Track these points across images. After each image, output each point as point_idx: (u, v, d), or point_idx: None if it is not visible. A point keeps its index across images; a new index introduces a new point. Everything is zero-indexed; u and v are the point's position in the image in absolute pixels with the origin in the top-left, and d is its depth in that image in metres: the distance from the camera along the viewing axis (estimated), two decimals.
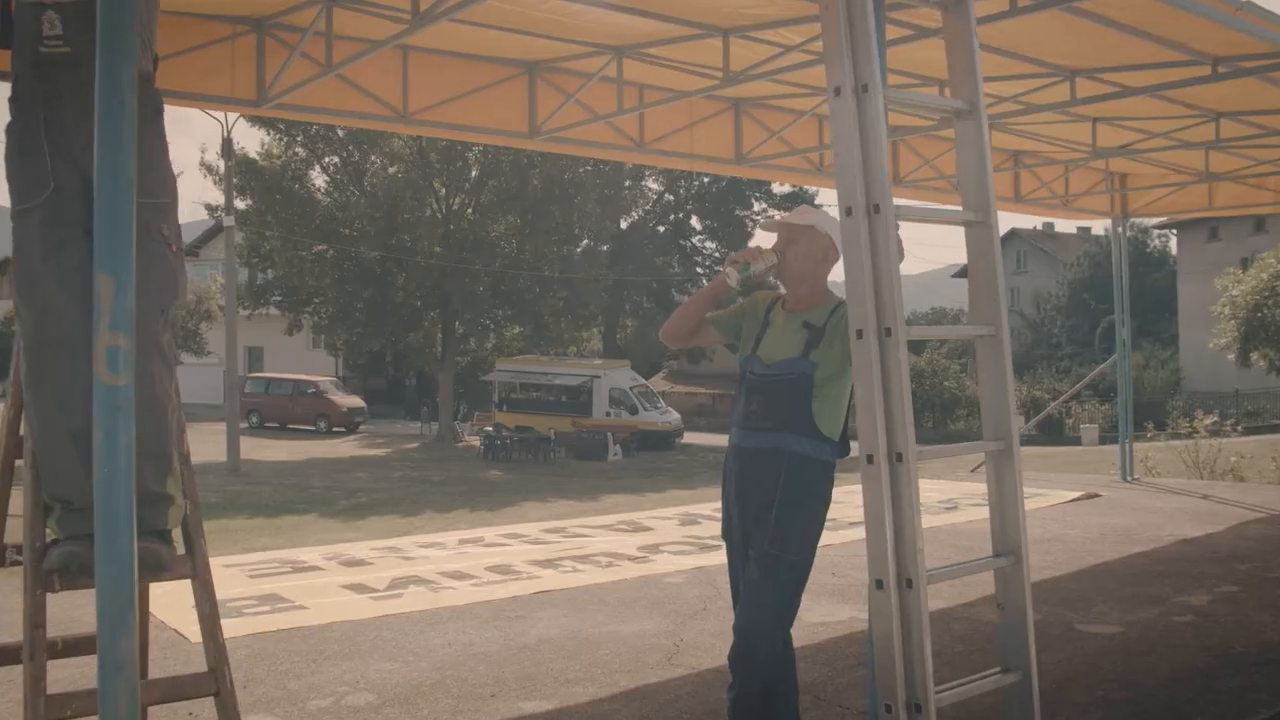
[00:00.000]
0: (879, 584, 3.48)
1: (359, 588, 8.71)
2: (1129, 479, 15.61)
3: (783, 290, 4.73)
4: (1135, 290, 55.32)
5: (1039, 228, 73.49)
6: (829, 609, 7.75)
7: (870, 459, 3.48)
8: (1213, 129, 10.54)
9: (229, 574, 9.46)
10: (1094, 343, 55.98)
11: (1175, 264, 57.84)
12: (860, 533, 9.92)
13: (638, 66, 9.19)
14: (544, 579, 8.98)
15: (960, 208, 3.89)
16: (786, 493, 4.33)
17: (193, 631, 7.21)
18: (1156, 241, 66.32)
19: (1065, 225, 64.84)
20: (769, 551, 4.33)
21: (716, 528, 11.68)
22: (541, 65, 9.53)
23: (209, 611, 3.78)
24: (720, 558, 9.67)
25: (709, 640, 6.93)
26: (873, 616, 3.51)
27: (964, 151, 3.90)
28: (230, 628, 7.36)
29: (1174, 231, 56.95)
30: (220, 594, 8.35)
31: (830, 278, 4.62)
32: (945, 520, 11.93)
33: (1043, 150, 12.68)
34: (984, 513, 12.01)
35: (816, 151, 11.54)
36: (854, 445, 4.35)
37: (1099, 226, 67.19)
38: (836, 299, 4.54)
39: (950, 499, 13.76)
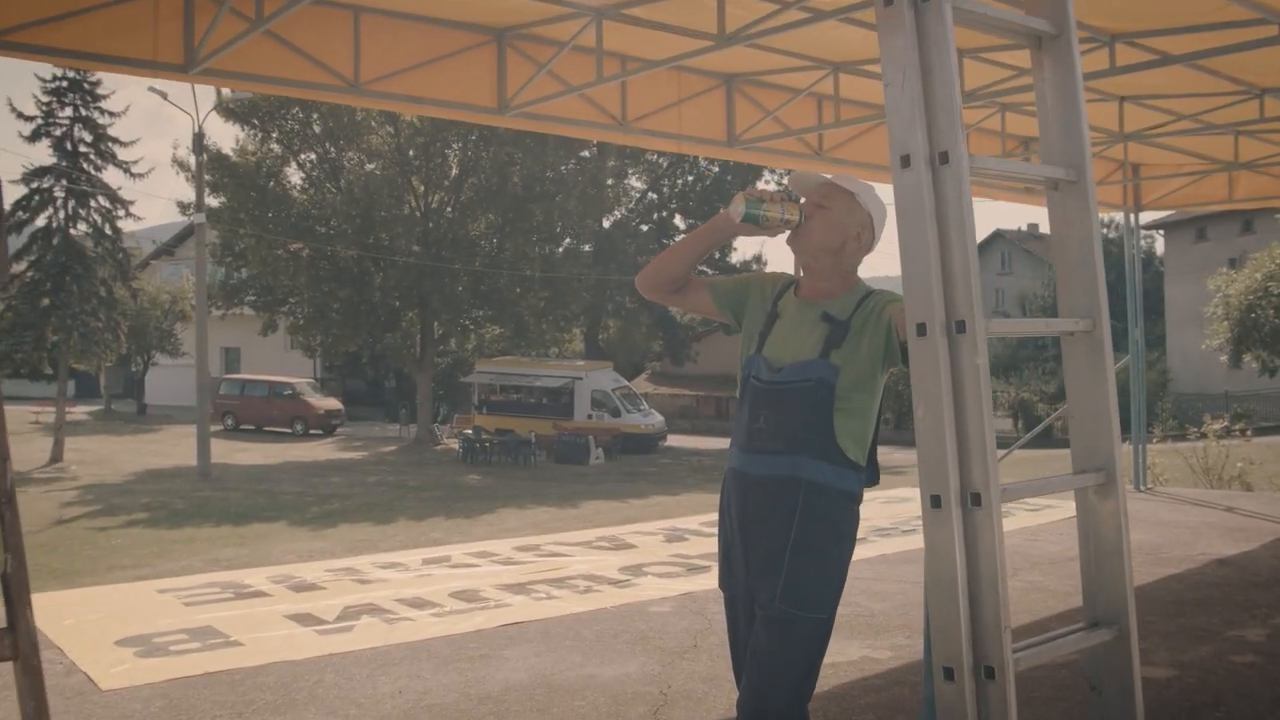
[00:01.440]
0: (948, 674, 2.53)
1: (305, 618, 7.73)
2: (1142, 488, 14.71)
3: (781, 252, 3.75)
4: (1121, 291, 54.95)
5: (1024, 228, 73.20)
6: (838, 646, 6.75)
7: (936, 501, 2.53)
8: (1255, 107, 9.61)
9: (162, 601, 8.48)
10: None
11: (1162, 265, 57.09)
12: (868, 550, 8.75)
13: (620, 32, 8.19)
14: (514, 607, 8.01)
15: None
16: (802, 532, 3.39)
17: (107, 675, 6.27)
18: (1143, 242, 65.73)
19: (1048, 226, 64.35)
20: (780, 608, 3.39)
21: (705, 545, 10.76)
22: (511, 31, 8.53)
23: (33, 709, 2.76)
24: (710, 581, 8.72)
25: (701, 687, 5.98)
26: (941, 716, 2.55)
27: (1048, 91, 2.95)
28: (152, 670, 6.41)
29: (1161, 232, 56.25)
30: (147, 627, 7.42)
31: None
32: None
33: None
34: None
35: (815, 132, 10.58)
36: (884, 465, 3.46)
37: None
38: (865, 287, 3.60)
39: None
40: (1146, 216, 27.18)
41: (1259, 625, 7.26)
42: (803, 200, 3.62)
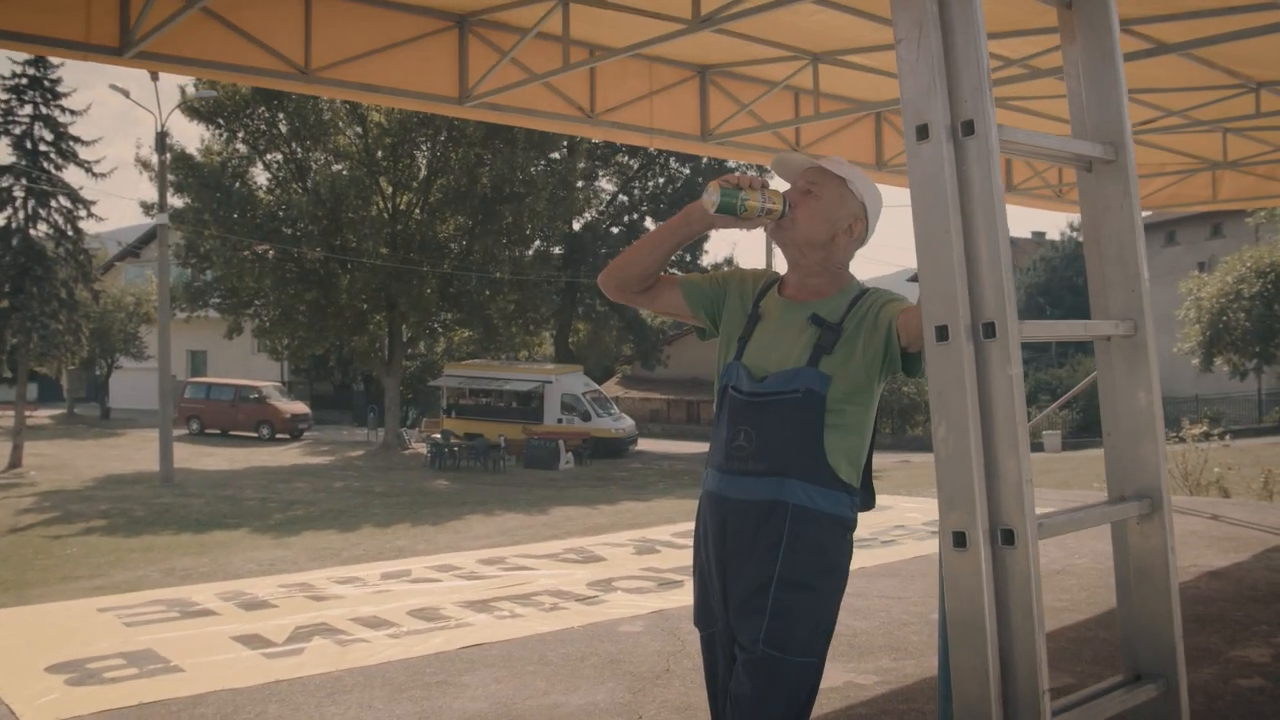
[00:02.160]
0: None
1: (253, 640, 7.25)
2: None
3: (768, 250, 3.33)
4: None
5: None
6: None
7: (960, 539, 2.11)
8: (1249, 101, 9.24)
9: (101, 621, 7.97)
10: (1050, 348, 55.27)
11: None
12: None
13: (588, 17, 7.74)
14: (476, 627, 7.56)
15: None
16: (788, 565, 2.99)
17: (31, 708, 5.79)
18: None
19: (1019, 230, 64.64)
20: (765, 652, 2.97)
21: (676, 557, 10.32)
22: (474, 17, 8.08)
23: None
24: (684, 598, 8.30)
25: (674, 718, 5.55)
26: None
27: (1081, 55, 2.54)
28: (81, 700, 5.90)
29: None
30: (83, 650, 6.89)
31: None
32: (934, 547, 10.57)
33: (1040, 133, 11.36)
34: None
35: (791, 126, 10.16)
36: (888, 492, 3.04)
37: (1054, 231, 66.84)
38: (859, 285, 3.18)
39: (934, 520, 12.40)
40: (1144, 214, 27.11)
41: (1262, 644, 6.88)
42: (787, 188, 3.20)
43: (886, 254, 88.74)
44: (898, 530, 11.57)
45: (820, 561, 3.02)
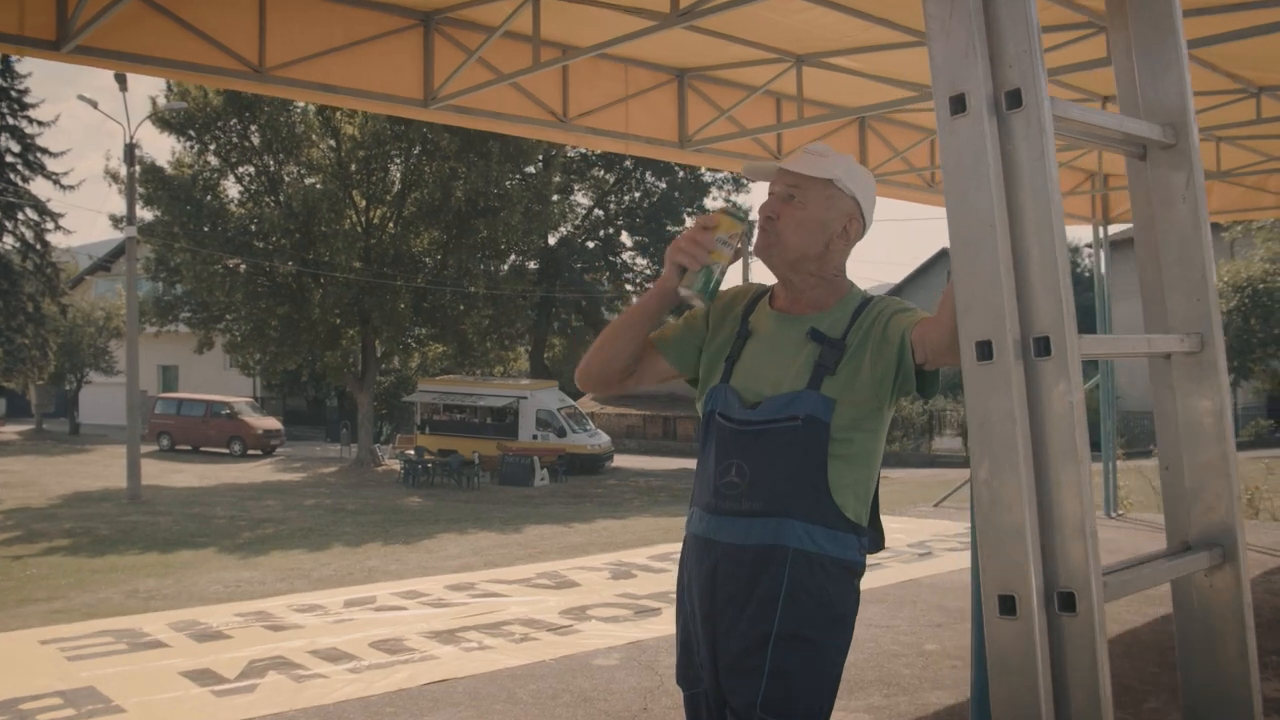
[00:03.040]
0: None
1: (203, 675, 6.80)
2: (1113, 514, 14.04)
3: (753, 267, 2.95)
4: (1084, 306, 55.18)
5: None
6: None
7: (1009, 605, 1.70)
8: (1249, 107, 8.88)
9: (43, 654, 7.51)
10: None
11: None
12: None
13: (559, 14, 7.31)
14: (441, 660, 7.12)
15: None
16: (789, 618, 2.58)
17: None
18: (1087, 261, 66.01)
19: None
20: (764, 718, 2.57)
21: (653, 582, 9.90)
22: (439, 15, 7.65)
23: None
24: (662, 628, 7.89)
25: None
26: None
27: (1133, 25, 2.15)
28: None
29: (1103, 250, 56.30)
30: (18, 688, 6.31)
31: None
32: (922, 571, 10.21)
33: None
34: (968, 560, 10.34)
35: (772, 132, 9.76)
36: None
37: None
38: (860, 292, 2.78)
39: (920, 541, 12.07)
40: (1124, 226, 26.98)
41: (1273, 677, 6.52)
42: (763, 204, 2.81)
43: (864, 269, 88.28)
44: (883, 553, 11.19)
45: (825, 613, 2.62)
